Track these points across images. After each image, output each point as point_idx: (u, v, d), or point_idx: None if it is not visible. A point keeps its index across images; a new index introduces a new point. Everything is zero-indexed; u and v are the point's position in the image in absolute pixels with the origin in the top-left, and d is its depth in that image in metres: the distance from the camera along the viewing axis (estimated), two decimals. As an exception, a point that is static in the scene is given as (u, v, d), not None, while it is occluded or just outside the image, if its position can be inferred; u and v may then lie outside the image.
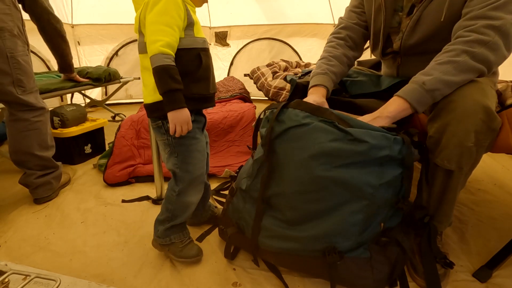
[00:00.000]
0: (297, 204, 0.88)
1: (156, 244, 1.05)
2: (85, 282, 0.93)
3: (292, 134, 0.87)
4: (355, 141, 0.80)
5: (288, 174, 0.88)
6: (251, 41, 3.63)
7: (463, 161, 0.84)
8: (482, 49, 0.83)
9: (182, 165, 0.96)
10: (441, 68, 0.85)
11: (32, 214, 1.34)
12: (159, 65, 0.81)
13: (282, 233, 0.90)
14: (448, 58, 0.85)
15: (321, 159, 0.82)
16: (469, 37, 0.84)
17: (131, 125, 1.78)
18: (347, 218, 0.83)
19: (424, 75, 0.86)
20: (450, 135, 0.83)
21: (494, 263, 0.98)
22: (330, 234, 0.84)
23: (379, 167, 0.81)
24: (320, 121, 0.85)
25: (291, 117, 0.89)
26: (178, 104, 0.85)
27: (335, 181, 0.82)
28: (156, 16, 0.83)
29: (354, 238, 0.84)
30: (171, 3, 0.83)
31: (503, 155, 1.80)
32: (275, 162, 0.91)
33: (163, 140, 0.96)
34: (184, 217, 1.03)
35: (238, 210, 1.01)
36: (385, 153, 0.79)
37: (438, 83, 0.84)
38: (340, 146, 0.80)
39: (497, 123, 0.82)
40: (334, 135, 0.82)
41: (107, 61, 3.39)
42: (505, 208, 1.36)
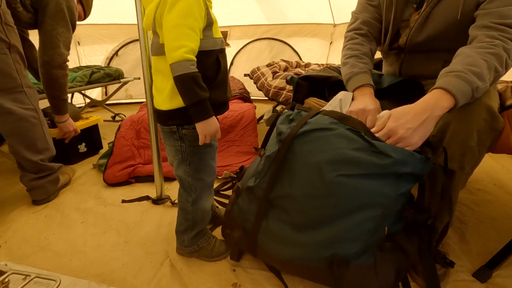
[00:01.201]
0: (306, 208, 0.84)
1: (183, 253, 1.05)
2: (85, 282, 0.93)
3: (314, 136, 0.84)
4: (379, 154, 0.76)
5: (301, 176, 0.84)
6: (251, 41, 3.63)
7: (465, 161, 0.84)
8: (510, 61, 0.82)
9: (195, 173, 0.93)
10: (490, 76, 0.78)
11: (32, 214, 1.34)
12: (185, 73, 0.76)
13: (288, 237, 0.87)
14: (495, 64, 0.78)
15: (337, 165, 0.79)
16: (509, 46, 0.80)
17: (131, 125, 1.78)
18: (358, 226, 0.79)
19: (478, 78, 0.77)
20: (453, 134, 0.83)
21: (494, 263, 0.98)
22: (337, 240, 0.81)
23: (396, 180, 0.78)
24: (346, 129, 0.82)
25: (318, 121, 0.86)
26: (208, 114, 0.80)
27: (349, 189, 0.78)
28: (179, 18, 0.75)
29: (361, 244, 0.81)
30: (194, 2, 0.76)
31: (503, 155, 1.79)
32: (289, 162, 0.87)
33: (175, 146, 0.91)
34: (205, 222, 1.04)
35: (243, 211, 0.97)
36: (407, 170, 0.76)
37: (482, 92, 0.78)
38: (362, 156, 0.77)
39: (500, 123, 0.82)
40: (357, 144, 0.79)
41: (107, 61, 3.38)
42: (505, 208, 1.36)
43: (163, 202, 1.41)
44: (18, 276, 0.87)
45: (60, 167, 1.49)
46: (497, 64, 0.79)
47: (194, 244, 1.02)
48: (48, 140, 1.42)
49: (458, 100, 0.76)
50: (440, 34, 0.98)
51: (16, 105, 1.27)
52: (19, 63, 1.27)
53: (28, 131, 1.32)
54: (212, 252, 1.04)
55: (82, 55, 3.32)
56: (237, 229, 0.99)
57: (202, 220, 1.02)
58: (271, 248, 0.90)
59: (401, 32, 1.10)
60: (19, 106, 1.28)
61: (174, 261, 1.04)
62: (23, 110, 1.28)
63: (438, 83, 0.79)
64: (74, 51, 3.25)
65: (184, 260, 1.05)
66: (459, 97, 0.76)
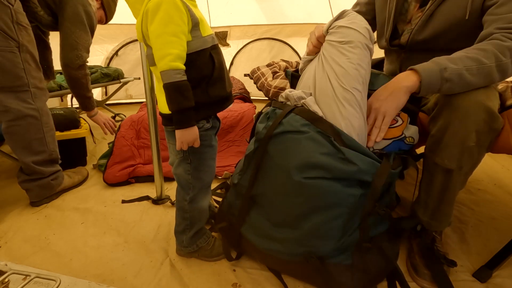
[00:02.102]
0: (278, 206, 0.89)
1: (183, 253, 1.05)
2: (85, 282, 0.93)
3: (286, 138, 0.88)
4: (345, 161, 0.80)
5: (272, 175, 0.89)
6: (251, 41, 3.63)
7: (463, 161, 0.84)
8: (509, 61, 0.82)
9: (194, 172, 0.94)
10: (467, 63, 0.81)
11: (32, 214, 1.34)
12: (169, 82, 0.78)
13: (267, 232, 0.92)
14: (478, 56, 0.82)
15: (305, 168, 0.83)
16: (507, 43, 0.82)
17: (131, 125, 1.78)
18: (327, 223, 0.83)
19: (449, 60, 0.82)
20: (452, 134, 0.83)
21: (494, 263, 0.98)
22: (310, 237, 0.85)
23: (360, 182, 0.83)
24: (317, 132, 0.85)
25: (291, 122, 0.89)
26: (188, 123, 0.82)
27: (315, 190, 0.82)
28: (160, 27, 0.77)
29: (334, 243, 0.85)
30: (172, 8, 0.77)
31: (503, 155, 1.79)
32: (264, 161, 0.91)
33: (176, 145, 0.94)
34: (203, 221, 1.04)
35: (229, 205, 1.03)
36: (368, 178, 0.81)
37: (457, 76, 0.81)
38: (329, 161, 0.81)
39: (499, 124, 0.82)
40: (326, 148, 0.82)
41: (107, 61, 3.38)
42: (505, 208, 1.36)
43: (163, 202, 1.41)
44: (18, 276, 0.87)
45: (53, 173, 1.44)
46: (480, 56, 0.81)
47: (193, 244, 1.02)
48: (47, 143, 1.38)
49: (422, 76, 0.82)
50: (443, 33, 0.99)
51: (18, 104, 1.26)
52: (29, 63, 1.27)
53: (25, 131, 1.30)
54: (212, 252, 1.04)
55: (82, 55, 3.32)
56: (223, 221, 1.04)
57: (200, 219, 1.02)
58: (253, 240, 0.95)
59: (398, 28, 1.12)
60: (20, 105, 1.27)
61: (174, 261, 1.04)
62: (23, 109, 1.28)
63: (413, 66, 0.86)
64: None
65: (184, 260, 1.05)
66: (423, 73, 0.82)
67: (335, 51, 0.92)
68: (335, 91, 0.88)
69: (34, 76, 1.30)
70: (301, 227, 0.85)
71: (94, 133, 1.99)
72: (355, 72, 0.88)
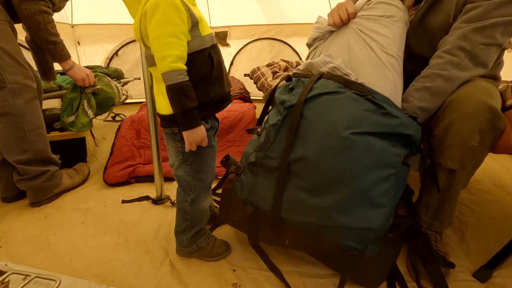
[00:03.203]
0: (321, 169, 0.82)
1: (183, 253, 1.05)
2: (85, 282, 0.93)
3: (324, 99, 0.86)
4: (387, 115, 0.81)
5: (314, 136, 0.84)
6: (251, 41, 3.63)
7: (466, 161, 0.84)
8: (454, 70, 0.88)
9: (195, 173, 0.94)
10: (417, 95, 0.92)
11: (32, 214, 1.34)
12: (172, 83, 0.77)
13: (302, 203, 0.85)
14: (424, 84, 0.92)
15: (351, 123, 0.81)
16: (442, 59, 0.90)
17: (131, 125, 1.78)
18: (377, 184, 0.78)
19: (403, 101, 0.93)
20: (454, 134, 0.83)
21: (494, 263, 0.98)
22: (355, 202, 0.79)
23: (399, 142, 0.83)
24: (354, 93, 0.86)
25: (325, 84, 0.89)
26: (195, 123, 0.82)
27: (363, 144, 0.79)
28: (159, 28, 0.76)
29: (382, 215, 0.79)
30: (170, 8, 0.75)
31: (503, 155, 1.79)
32: (300, 127, 0.87)
33: (176, 147, 0.92)
34: (204, 222, 1.04)
35: (248, 185, 0.95)
36: (410, 132, 0.81)
37: (417, 109, 0.91)
38: (373, 116, 0.82)
39: (502, 123, 0.82)
40: (367, 106, 0.83)
41: (107, 61, 3.38)
42: (505, 208, 1.36)
43: (163, 202, 1.41)
44: (18, 276, 0.86)
45: (43, 173, 1.38)
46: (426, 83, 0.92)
47: (193, 244, 1.02)
48: (31, 141, 1.32)
49: None
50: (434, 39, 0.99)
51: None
52: (3, 59, 1.22)
53: (2, 129, 1.27)
54: (212, 252, 1.04)
55: (82, 55, 3.32)
56: (241, 206, 0.97)
57: (201, 220, 1.02)
58: (287, 217, 0.88)
59: None
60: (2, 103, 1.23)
61: (174, 261, 1.04)
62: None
63: None
64: (74, 51, 3.25)
65: (184, 260, 1.05)
66: None
67: (375, 24, 0.97)
68: (380, 58, 0.92)
69: (12, 72, 1.25)
70: (346, 189, 0.79)
71: (94, 133, 1.99)
72: (399, 41, 0.96)
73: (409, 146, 0.84)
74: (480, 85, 0.86)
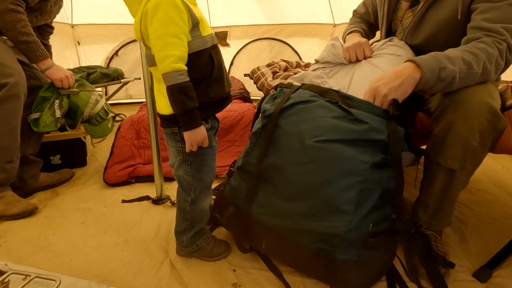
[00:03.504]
0: (290, 177, 0.88)
1: (183, 253, 1.06)
2: (85, 282, 0.93)
3: (297, 109, 0.91)
4: (356, 121, 0.82)
5: (285, 144, 0.90)
6: (251, 41, 3.62)
7: (466, 160, 0.84)
8: (493, 69, 0.85)
9: (195, 173, 0.94)
10: (462, 66, 0.83)
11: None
12: (173, 84, 0.77)
13: (275, 207, 0.91)
14: (471, 61, 0.83)
15: (317, 132, 0.84)
16: (494, 51, 0.84)
17: (131, 125, 1.78)
18: (341, 193, 0.82)
19: (449, 60, 0.83)
20: (455, 134, 0.83)
21: (494, 263, 0.98)
22: (322, 210, 0.84)
23: (371, 148, 0.83)
24: (326, 100, 0.88)
25: (300, 94, 0.93)
26: (196, 123, 0.82)
27: (328, 153, 0.83)
28: (160, 28, 0.76)
29: (347, 221, 0.82)
30: (171, 8, 0.75)
31: (503, 155, 1.79)
32: (275, 135, 0.92)
33: (176, 147, 0.92)
34: (204, 221, 1.04)
35: (234, 189, 1.03)
36: (380, 137, 0.81)
37: (451, 77, 0.82)
38: (340, 123, 0.83)
39: (502, 123, 0.82)
40: (336, 113, 0.85)
41: (107, 61, 3.38)
42: (505, 208, 1.36)
43: (163, 202, 1.41)
44: (18, 276, 0.86)
45: None
46: (473, 62, 0.83)
47: (193, 244, 1.02)
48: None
49: (423, 73, 0.82)
50: (434, 36, 1.00)
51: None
52: None
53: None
54: (212, 252, 1.04)
55: (82, 55, 3.32)
56: (228, 207, 1.03)
57: (201, 220, 1.02)
58: (262, 219, 0.94)
59: (392, 27, 1.16)
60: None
61: (174, 261, 1.04)
62: None
63: (415, 58, 0.87)
64: (74, 51, 3.24)
65: (184, 260, 1.05)
66: (425, 70, 0.82)
67: (383, 58, 1.07)
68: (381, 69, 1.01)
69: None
70: (313, 197, 0.84)
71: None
72: None
73: (385, 150, 0.84)
74: (481, 85, 0.86)
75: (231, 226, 1.07)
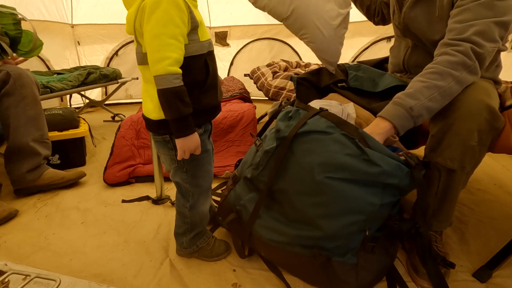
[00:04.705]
0: (297, 205, 0.88)
1: (183, 254, 1.05)
2: (85, 282, 0.93)
3: (311, 138, 0.87)
4: (369, 162, 0.79)
5: (294, 173, 0.88)
6: (251, 41, 3.62)
7: (466, 160, 0.84)
8: (464, 73, 0.85)
9: (192, 180, 0.91)
10: (428, 93, 0.85)
11: (32, 214, 1.34)
12: (167, 87, 0.72)
13: (279, 227, 0.91)
14: (435, 82, 0.85)
15: (328, 167, 0.82)
16: (455, 58, 0.85)
17: (131, 125, 1.78)
18: (343, 228, 0.83)
19: (411, 98, 0.86)
20: (454, 134, 0.83)
21: (494, 263, 0.98)
22: (321, 238, 0.85)
23: (382, 190, 0.82)
24: (342, 134, 0.85)
25: (316, 122, 0.89)
26: (189, 130, 0.78)
27: (336, 191, 0.82)
28: (159, 27, 0.71)
29: (341, 242, 0.85)
30: (172, 7, 0.70)
31: (503, 155, 1.79)
32: (287, 159, 0.90)
33: (169, 155, 0.87)
34: (204, 224, 1.03)
35: (240, 197, 1.01)
36: (393, 181, 0.80)
37: (424, 109, 0.85)
38: (352, 162, 0.81)
39: (500, 123, 0.83)
40: (350, 150, 0.82)
41: (107, 61, 3.38)
42: (505, 208, 1.36)
43: (163, 202, 1.41)
44: (18, 276, 0.86)
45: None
46: (437, 81, 0.85)
47: (193, 245, 1.02)
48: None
49: (394, 123, 0.86)
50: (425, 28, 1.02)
51: None
52: None
53: None
54: (212, 252, 1.04)
55: (82, 55, 3.32)
56: (231, 212, 1.02)
57: (200, 223, 1.02)
58: (262, 234, 0.94)
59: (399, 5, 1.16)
60: None
61: (174, 261, 1.04)
62: None
63: (380, 112, 0.90)
64: (74, 51, 3.25)
65: (184, 260, 1.05)
66: (394, 121, 0.86)
67: None
68: None
69: None
70: (316, 227, 0.85)
71: (94, 133, 1.99)
72: None
73: (398, 191, 0.84)
74: (479, 85, 0.87)
75: (232, 230, 1.07)
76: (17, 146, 1.40)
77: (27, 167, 1.42)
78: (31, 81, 1.43)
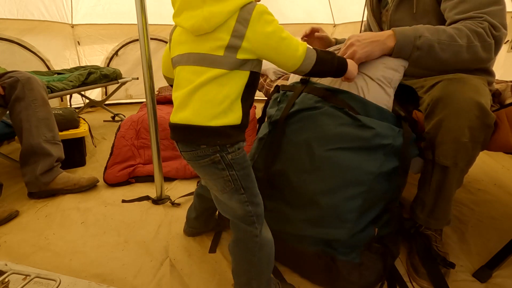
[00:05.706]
0: (296, 183, 0.88)
1: None
2: (85, 282, 0.93)
3: (302, 116, 0.90)
4: (362, 127, 0.82)
5: (290, 152, 0.89)
6: (251, 41, 3.63)
7: (458, 157, 0.85)
8: (479, 45, 0.88)
9: (251, 198, 0.76)
10: (442, 36, 0.88)
11: (32, 214, 1.34)
12: (314, 61, 0.74)
13: (280, 212, 0.91)
14: (453, 32, 0.88)
15: (323, 141, 0.84)
16: (478, 29, 0.88)
17: (131, 125, 1.78)
18: (344, 202, 0.84)
19: (427, 30, 0.89)
20: (446, 131, 0.84)
21: (494, 263, 0.98)
22: (325, 218, 0.84)
23: (382, 156, 0.83)
24: (331, 107, 0.87)
25: (304, 100, 0.91)
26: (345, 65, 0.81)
27: (334, 162, 0.83)
28: (280, 32, 0.71)
29: (348, 229, 0.84)
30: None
31: (503, 155, 1.79)
32: (282, 142, 0.91)
33: (223, 177, 0.73)
34: (270, 268, 0.82)
35: None
36: (388, 142, 0.82)
37: (428, 47, 0.89)
38: (346, 130, 0.83)
39: (491, 119, 0.83)
40: (342, 120, 0.85)
41: (107, 61, 3.38)
42: (505, 208, 1.36)
43: (163, 202, 1.41)
44: (18, 276, 0.87)
45: None
46: (455, 34, 0.88)
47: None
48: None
49: (397, 39, 0.90)
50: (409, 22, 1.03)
51: None
52: None
53: None
54: None
55: (82, 55, 3.33)
56: None
57: (268, 266, 0.81)
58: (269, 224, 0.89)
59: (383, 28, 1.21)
60: None
61: (174, 261, 1.04)
62: None
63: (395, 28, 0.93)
64: (74, 51, 3.25)
65: (184, 260, 1.05)
66: (399, 37, 0.90)
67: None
68: None
69: None
70: (317, 204, 0.85)
71: (94, 133, 1.99)
72: None
73: (393, 155, 0.84)
74: (469, 82, 0.87)
75: None
76: (30, 148, 1.42)
77: (40, 169, 1.42)
78: (39, 84, 1.47)
